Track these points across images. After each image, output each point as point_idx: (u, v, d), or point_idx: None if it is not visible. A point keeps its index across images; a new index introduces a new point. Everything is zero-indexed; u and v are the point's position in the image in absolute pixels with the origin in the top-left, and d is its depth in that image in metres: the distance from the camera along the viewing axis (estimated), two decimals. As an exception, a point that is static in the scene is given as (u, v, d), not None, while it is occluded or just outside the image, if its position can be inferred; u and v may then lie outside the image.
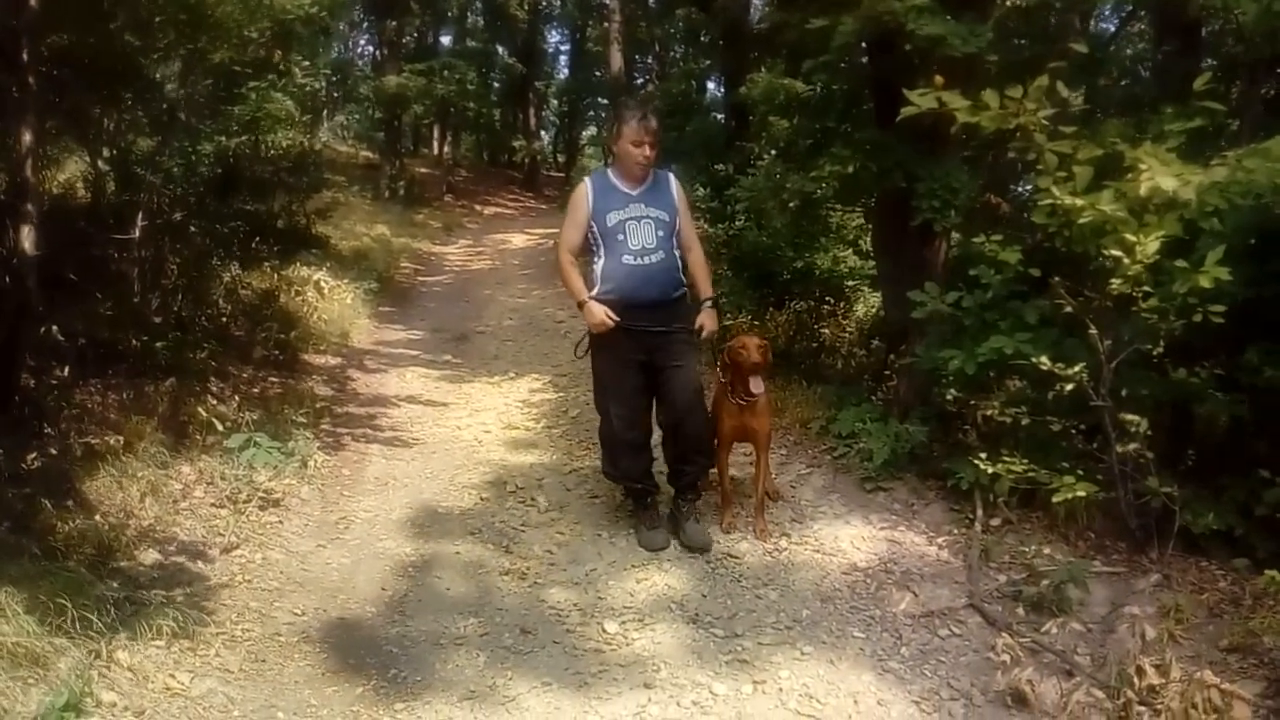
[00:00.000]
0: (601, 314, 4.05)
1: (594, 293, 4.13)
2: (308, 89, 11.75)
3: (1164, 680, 2.85)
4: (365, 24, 23.38)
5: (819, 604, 3.84)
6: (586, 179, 4.32)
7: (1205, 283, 3.40)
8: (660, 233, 4.11)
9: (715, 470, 4.55)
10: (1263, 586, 3.33)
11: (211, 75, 7.01)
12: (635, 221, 4.10)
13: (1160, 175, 3.43)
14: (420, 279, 12.17)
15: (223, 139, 7.78)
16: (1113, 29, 9.94)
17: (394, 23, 18.85)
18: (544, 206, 21.02)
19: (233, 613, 3.62)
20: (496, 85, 25.54)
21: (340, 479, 5.16)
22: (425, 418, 6.35)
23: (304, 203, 9.40)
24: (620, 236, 4.09)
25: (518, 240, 15.62)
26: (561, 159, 28.82)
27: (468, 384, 7.24)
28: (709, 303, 4.27)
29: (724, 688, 3.21)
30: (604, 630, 3.60)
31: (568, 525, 4.59)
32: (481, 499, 4.92)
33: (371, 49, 24.05)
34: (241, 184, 7.74)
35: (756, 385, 4.25)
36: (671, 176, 4.32)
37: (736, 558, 4.25)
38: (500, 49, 25.85)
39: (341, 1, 9.78)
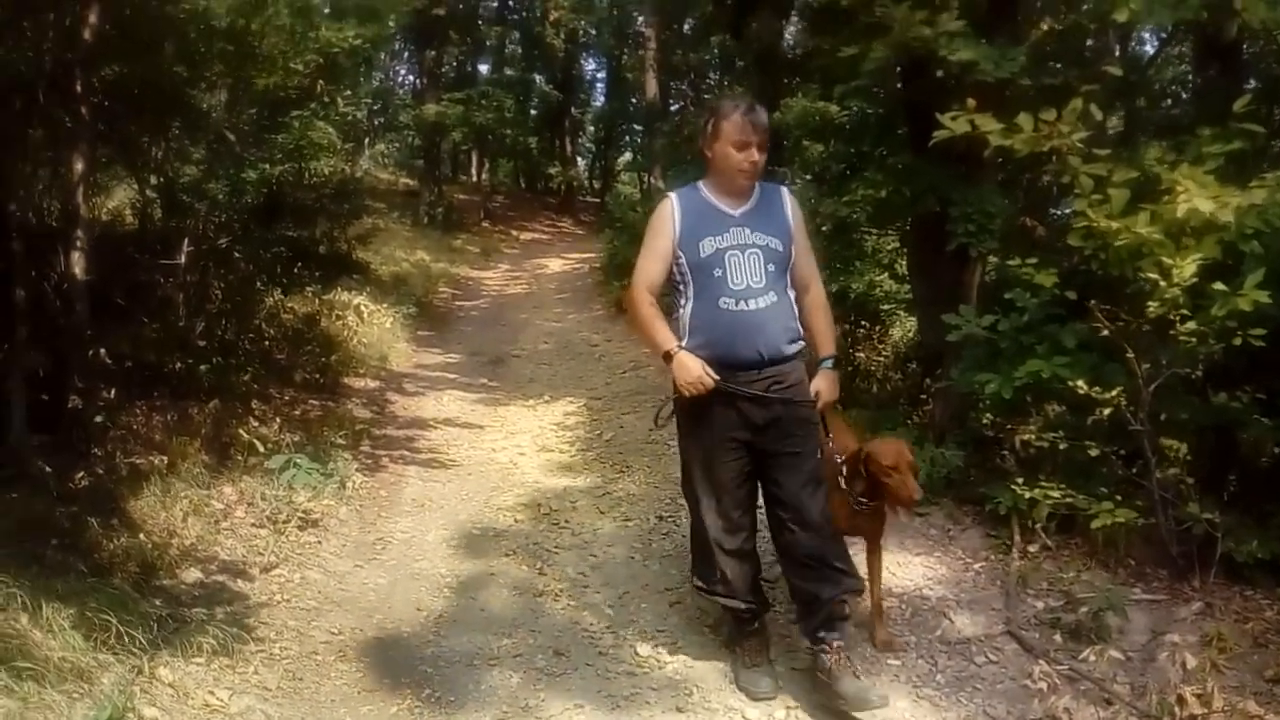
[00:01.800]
0: (699, 370, 3.07)
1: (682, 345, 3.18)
2: (350, 118, 11.98)
3: (1206, 710, 2.80)
4: (406, 54, 23.85)
5: (854, 629, 3.81)
6: (672, 195, 3.27)
7: (1245, 306, 3.36)
8: (771, 267, 3.14)
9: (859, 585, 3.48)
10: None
11: (256, 104, 7.22)
12: (738, 252, 3.12)
13: (1197, 198, 3.41)
14: (458, 303, 12.32)
15: (267, 167, 7.95)
16: (1152, 51, 9.88)
17: (433, 52, 19.21)
18: (580, 232, 21.17)
19: (271, 631, 3.68)
20: (534, 112, 25.83)
21: (378, 500, 5.22)
22: (462, 440, 6.42)
23: (345, 229, 9.55)
24: (717, 272, 3.12)
25: (554, 265, 15.76)
26: (597, 185, 29.03)
27: (503, 407, 7.31)
28: (828, 362, 3.34)
29: (757, 712, 3.19)
30: (637, 653, 3.61)
31: (601, 548, 4.61)
32: (516, 520, 4.96)
33: (412, 78, 24.48)
34: (285, 210, 7.91)
35: (899, 511, 3.50)
36: (786, 192, 3.36)
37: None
38: (538, 77, 26.19)
39: (384, 34, 10.02)
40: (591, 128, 30.00)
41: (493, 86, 20.95)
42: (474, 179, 24.03)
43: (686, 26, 18.97)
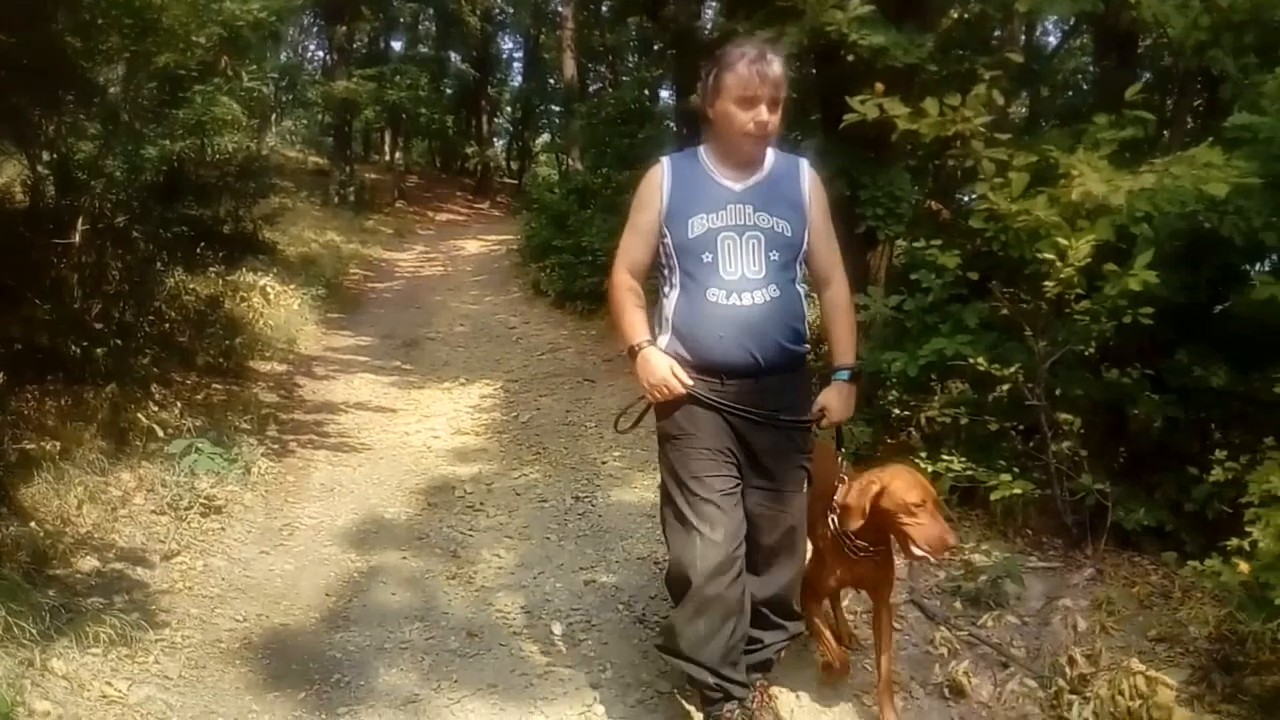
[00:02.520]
0: (665, 370, 2.58)
1: (658, 344, 2.68)
2: (255, 93, 11.62)
3: (1094, 669, 2.93)
4: (315, 29, 23.20)
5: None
6: (664, 160, 2.73)
7: (1135, 285, 3.50)
8: (774, 255, 2.60)
9: (806, 627, 3.06)
10: (1190, 579, 3.43)
11: (156, 79, 6.92)
12: (734, 235, 2.59)
13: (1091, 181, 3.53)
14: (370, 285, 12.09)
15: (167, 143, 7.65)
16: (1055, 42, 10.22)
17: (344, 28, 18.72)
18: (497, 213, 20.96)
19: (173, 619, 3.57)
20: (449, 91, 25.41)
21: (285, 486, 5.11)
22: (373, 424, 6.31)
23: (251, 208, 9.27)
24: (707, 257, 2.58)
25: (471, 246, 15.58)
26: (515, 166, 28.75)
27: (417, 390, 7.21)
28: (844, 374, 2.79)
29: (668, 685, 3.22)
30: (551, 632, 3.61)
31: (516, 530, 4.59)
32: (429, 505, 4.90)
33: (322, 54, 23.86)
34: (187, 189, 7.62)
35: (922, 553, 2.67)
36: (805, 165, 2.76)
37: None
38: (453, 55, 25.77)
39: (291, 7, 9.72)
40: (509, 108, 29.67)
41: (406, 64, 20.56)
42: (387, 158, 23.56)
43: (605, 7, 18.86)
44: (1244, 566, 2.68)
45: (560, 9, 19.54)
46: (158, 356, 6.31)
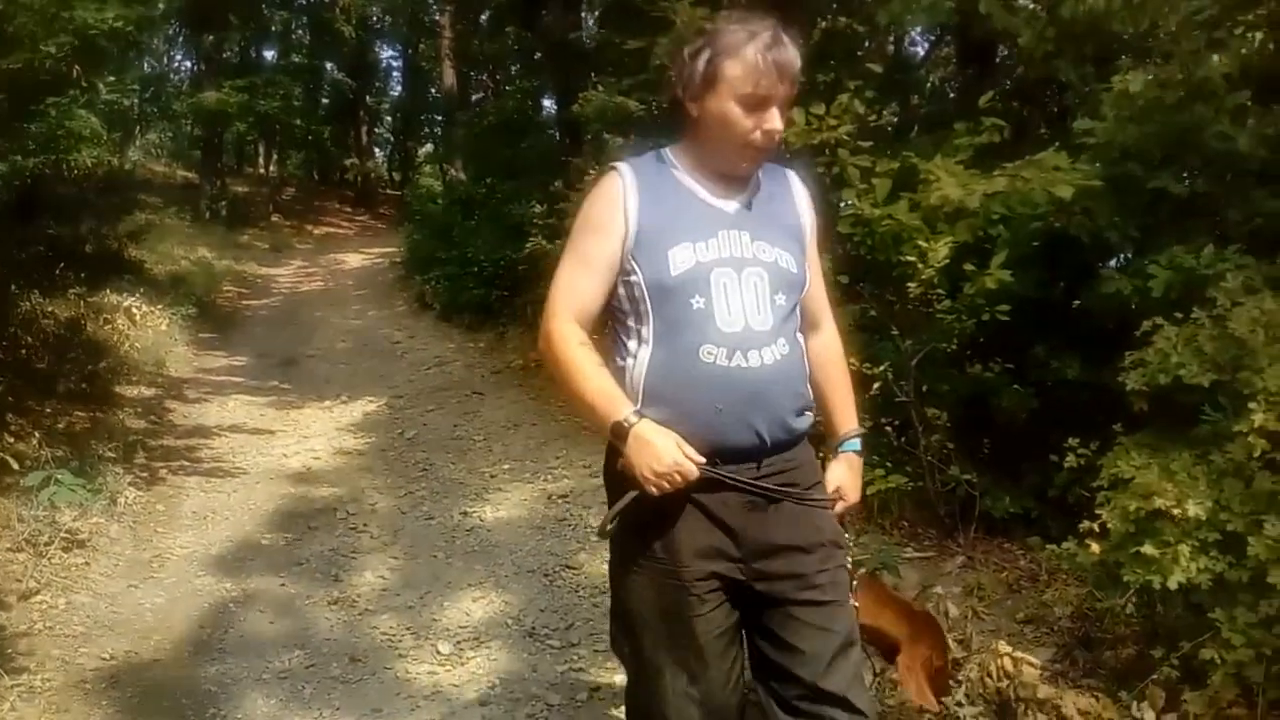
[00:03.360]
0: (675, 451, 1.82)
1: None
2: (116, 105, 11.12)
3: (966, 653, 3.05)
4: (181, 38, 22.29)
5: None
6: (621, 168, 1.98)
7: (991, 284, 3.68)
8: (780, 298, 1.94)
9: None
10: (1055, 562, 3.61)
11: (4, 90, 6.53)
12: (731, 272, 1.92)
13: (948, 186, 3.70)
14: (245, 303, 11.68)
15: (19, 159, 7.24)
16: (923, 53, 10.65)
17: (212, 37, 18.04)
18: (380, 225, 20.51)
19: (32, 662, 3.36)
20: (325, 101, 24.80)
21: (154, 515, 4.88)
22: (249, 447, 6.09)
23: (114, 226, 8.86)
24: (697, 302, 1.89)
25: (352, 260, 15.22)
26: (398, 177, 28.22)
27: (296, 410, 6.99)
28: (854, 444, 2.18)
29: (559, 697, 3.22)
30: (438, 652, 3.55)
31: (402, 550, 4.50)
32: (309, 528, 4.76)
33: (189, 64, 22.95)
34: (43, 206, 7.23)
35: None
36: (795, 179, 2.12)
37: (575, 569, 4.27)
38: (328, 65, 25.13)
39: (150, 16, 9.33)
40: (389, 118, 29.13)
41: (279, 74, 19.95)
42: (262, 171, 22.82)
43: (482, 17, 18.71)
44: (1095, 547, 2.83)
45: (438, 18, 19.29)
46: (13, 384, 5.94)
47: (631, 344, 1.96)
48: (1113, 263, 4.48)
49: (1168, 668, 2.67)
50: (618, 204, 1.94)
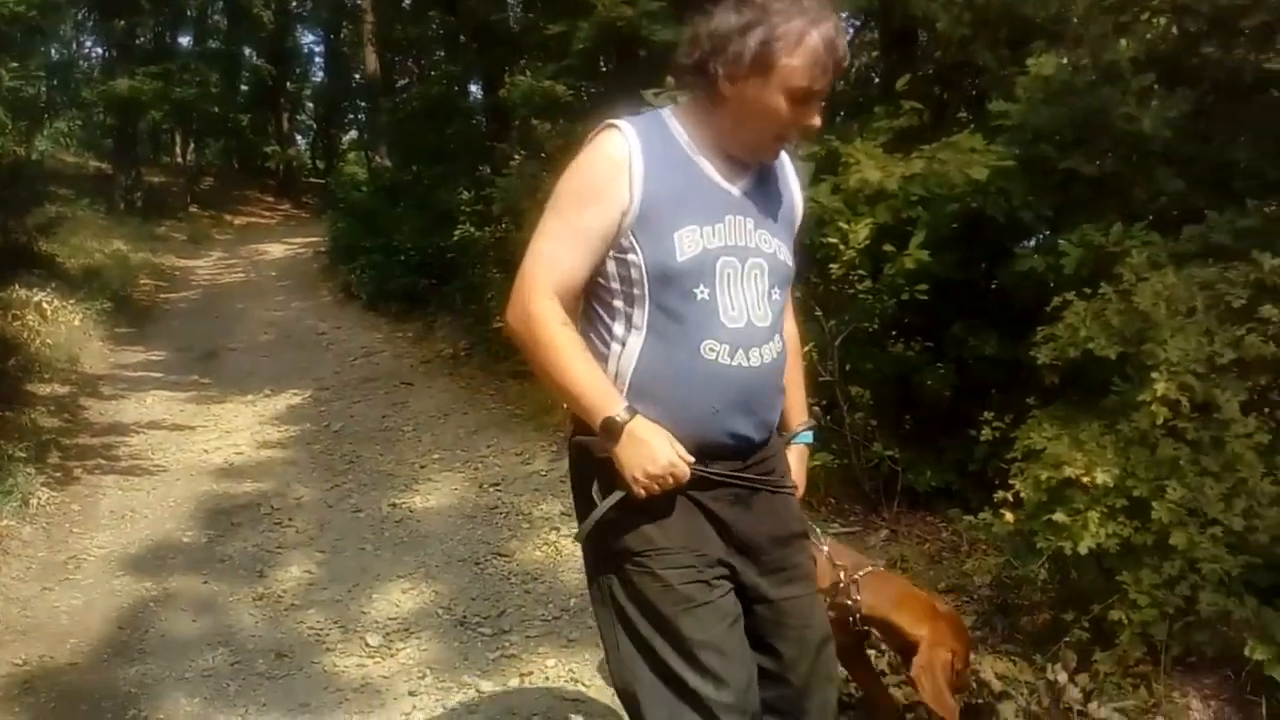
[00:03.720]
0: (671, 452, 1.69)
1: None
2: (21, 93, 10.66)
3: (890, 626, 3.12)
4: (92, 23, 21.46)
5: (588, 592, 3.91)
6: (624, 128, 1.75)
7: (910, 265, 3.75)
8: (776, 294, 1.83)
9: None
10: (973, 532, 3.71)
11: (-109, 78, 6.24)
12: (735, 262, 1.77)
13: (868, 169, 3.76)
14: (164, 295, 11.36)
15: (-87, 150, 6.94)
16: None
17: (124, 22, 17.41)
18: (303, 214, 20.11)
19: (-63, 673, 3.24)
20: (244, 88, 24.16)
21: (69, 515, 4.73)
22: (169, 443, 5.94)
23: (22, 218, 8.54)
24: (701, 293, 1.74)
25: (274, 250, 14.88)
26: (321, 165, 27.64)
27: (218, 405, 6.83)
28: (808, 435, 2.13)
29: (490, 684, 3.20)
30: (366, 644, 3.50)
31: (329, 543, 4.43)
32: (232, 525, 4.66)
33: (100, 50, 22.10)
34: (-58, 199, 6.95)
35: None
36: (787, 159, 1.94)
37: (506, 556, 4.25)
38: (247, 50, 24.49)
39: (54, 1, 9.00)
40: (311, 105, 28.50)
41: (195, 60, 19.36)
42: (179, 160, 22.15)
43: (405, 1, 18.37)
44: (1010, 517, 2.92)
45: (359, 2, 18.90)
46: (-88, 385, 5.70)
47: (618, 328, 1.77)
48: (1029, 242, 4.60)
49: (1079, 630, 2.76)
50: (622, 170, 1.72)
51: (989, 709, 2.69)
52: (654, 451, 1.68)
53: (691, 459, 1.71)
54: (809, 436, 2.11)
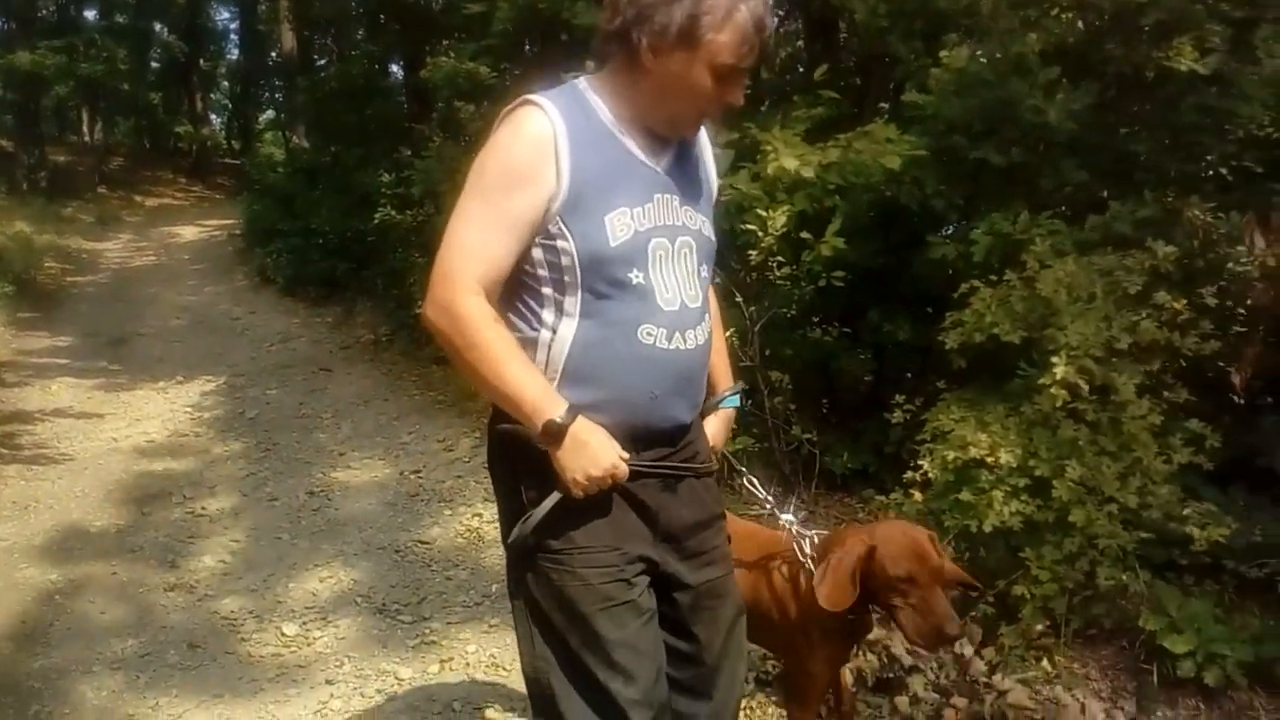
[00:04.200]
0: (614, 453, 1.68)
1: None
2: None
3: (805, 604, 3.19)
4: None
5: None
6: (546, 105, 1.65)
7: (827, 252, 3.82)
8: (704, 270, 1.82)
9: None
10: (886, 513, 3.81)
11: None
12: (666, 243, 1.74)
13: (785, 157, 3.80)
14: (70, 279, 10.92)
15: None
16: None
17: (23, -8, 16.65)
18: (218, 196, 19.50)
19: None
20: (155, 65, 23.29)
21: (-33, 507, 4.54)
22: (76, 431, 5.73)
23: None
24: (635, 277, 1.70)
25: (187, 233, 14.42)
26: (237, 145, 26.83)
27: (127, 392, 6.61)
28: (731, 400, 2.08)
29: (410, 671, 3.19)
30: (282, 634, 3.45)
31: (243, 531, 4.34)
32: (142, 514, 4.53)
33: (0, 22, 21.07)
34: None
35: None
36: (702, 132, 1.89)
37: (427, 543, 4.22)
38: (157, 26, 23.59)
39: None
40: (226, 83, 27.64)
41: (102, 34, 18.57)
42: (86, 138, 21.28)
43: (324, -23, 17.90)
44: (919, 497, 3.01)
45: (276, -23, 18.35)
46: None
47: (547, 315, 1.71)
48: (947, 231, 4.73)
49: (985, 605, 2.87)
50: (548, 152, 1.63)
51: (899, 682, 2.79)
52: (596, 454, 1.65)
53: (628, 456, 1.69)
54: (735, 400, 2.07)
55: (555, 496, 1.70)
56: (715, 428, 2.01)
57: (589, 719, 1.77)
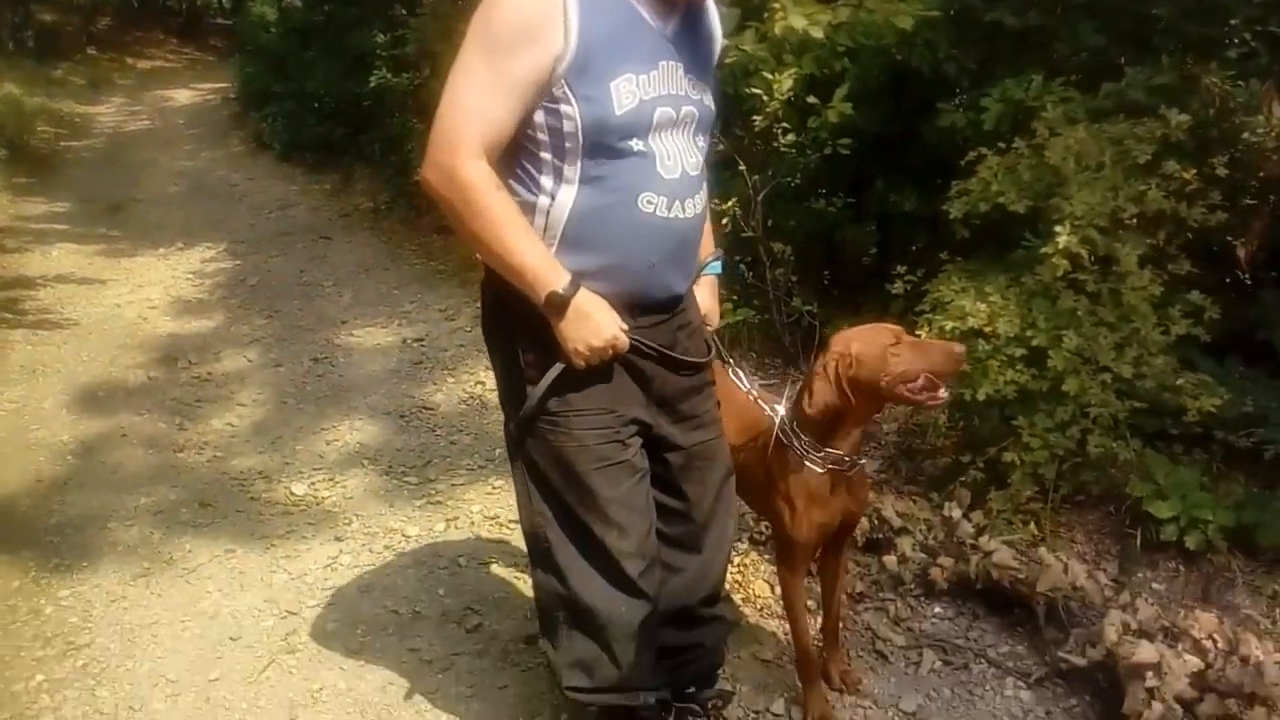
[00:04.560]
0: (615, 325, 1.72)
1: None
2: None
3: (801, 470, 3.26)
4: None
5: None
6: None
7: (833, 118, 3.73)
8: (701, 141, 1.80)
9: (787, 618, 2.33)
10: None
11: None
12: (671, 112, 1.71)
13: (793, 16, 3.66)
14: (64, 144, 10.72)
15: None
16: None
17: None
18: (211, 58, 18.91)
19: None
20: (140, -83, 22.21)
21: (-25, 370, 4.60)
22: (79, 297, 5.75)
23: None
24: (637, 145, 1.68)
25: (181, 97, 14.07)
26: (227, 4, 25.86)
27: (128, 258, 6.59)
28: (716, 265, 2.09)
29: (417, 529, 3.29)
30: (291, 493, 3.54)
31: (249, 395, 4.40)
32: (150, 377, 4.59)
33: None
34: None
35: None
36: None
37: (431, 409, 4.28)
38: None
39: None
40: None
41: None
42: (71, -4, 20.50)
43: None
44: (917, 366, 3.02)
45: None
46: None
47: (545, 180, 1.68)
48: (955, 101, 4.60)
49: (975, 471, 2.93)
50: (556, 11, 1.57)
51: (888, 543, 2.88)
52: (598, 326, 1.69)
53: (627, 328, 1.74)
54: (718, 267, 2.09)
55: (558, 368, 1.75)
56: (705, 299, 2.04)
57: (583, 568, 1.88)
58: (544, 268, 1.65)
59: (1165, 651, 2.21)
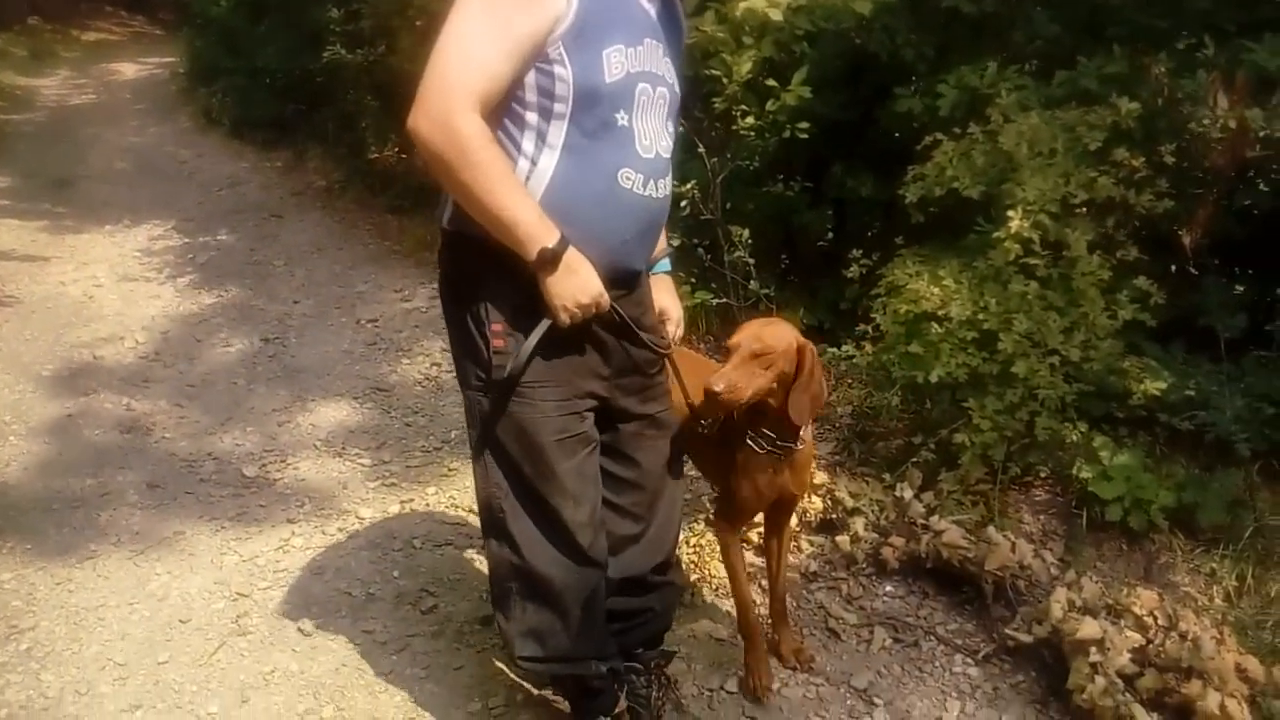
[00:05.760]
0: (599, 285, 1.73)
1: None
2: None
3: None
4: None
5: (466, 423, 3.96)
6: None
7: (792, 101, 3.74)
8: (671, 124, 1.83)
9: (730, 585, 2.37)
10: (839, 366, 3.89)
11: None
12: (649, 89, 1.75)
13: (753, -2, 3.66)
14: (5, 117, 10.38)
15: None
16: None
17: None
18: (159, 31, 18.45)
19: None
20: (82, -116, 21.53)
21: (-89, 349, 4.46)
22: (20, 274, 5.59)
23: None
24: (620, 118, 1.71)
25: (128, 71, 13.69)
26: (177, -23, 25.24)
27: (73, 235, 6.42)
28: (663, 264, 2.12)
29: (370, 511, 3.26)
30: (243, 474, 3.49)
31: (199, 376, 4.32)
32: (95, 357, 4.48)
33: None
34: None
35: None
36: None
37: (385, 390, 4.24)
38: None
39: None
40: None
41: None
42: (11, -35, 19.83)
43: None
44: (870, 349, 3.07)
45: None
46: None
47: (527, 143, 1.68)
48: (912, 87, 4.64)
49: (927, 453, 2.97)
50: None
51: (841, 523, 2.91)
52: (585, 282, 1.69)
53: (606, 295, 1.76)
54: (667, 265, 2.13)
55: (545, 324, 1.75)
56: (663, 295, 2.10)
57: (537, 537, 1.91)
58: (537, 224, 1.64)
59: (1108, 628, 2.27)
